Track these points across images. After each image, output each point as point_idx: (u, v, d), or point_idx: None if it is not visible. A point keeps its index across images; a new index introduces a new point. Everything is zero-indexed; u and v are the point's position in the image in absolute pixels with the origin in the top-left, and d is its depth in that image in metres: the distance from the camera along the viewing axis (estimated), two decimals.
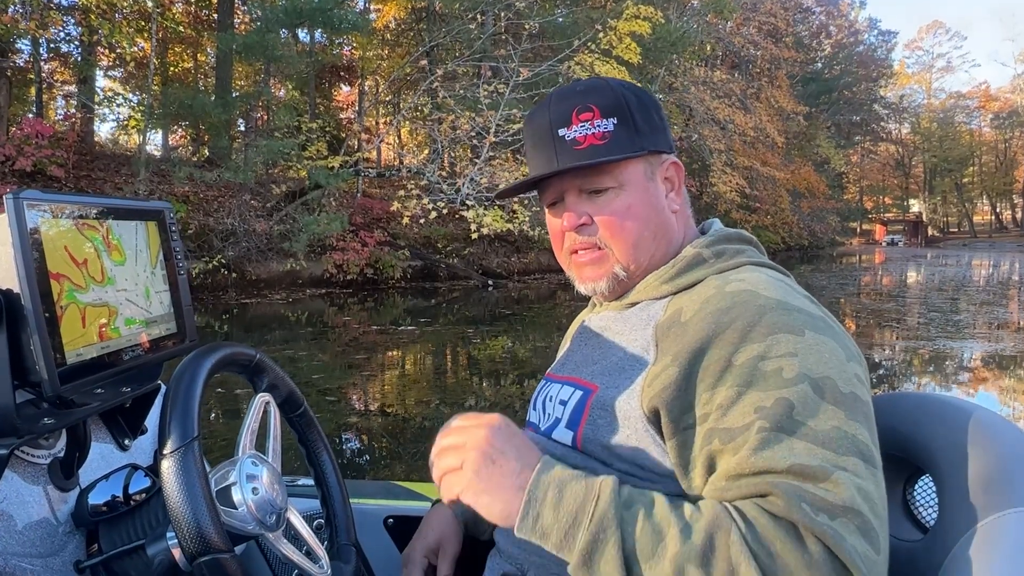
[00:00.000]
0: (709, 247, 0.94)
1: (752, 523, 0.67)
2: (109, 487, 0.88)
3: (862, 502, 0.67)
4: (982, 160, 64.82)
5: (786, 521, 0.66)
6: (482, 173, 13.06)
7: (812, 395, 0.73)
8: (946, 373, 7.17)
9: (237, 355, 0.91)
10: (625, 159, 0.92)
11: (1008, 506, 0.73)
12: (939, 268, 25.79)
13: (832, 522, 0.65)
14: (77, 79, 17.07)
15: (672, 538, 0.67)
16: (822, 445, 0.70)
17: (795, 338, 0.77)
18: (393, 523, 1.34)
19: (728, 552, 0.65)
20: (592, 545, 0.69)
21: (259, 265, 13.82)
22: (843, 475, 0.68)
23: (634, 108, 0.94)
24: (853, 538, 0.65)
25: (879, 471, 0.72)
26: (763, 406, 0.73)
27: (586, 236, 0.95)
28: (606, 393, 0.88)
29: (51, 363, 0.75)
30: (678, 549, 0.66)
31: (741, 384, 0.76)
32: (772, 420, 0.72)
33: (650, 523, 0.69)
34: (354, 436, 4.92)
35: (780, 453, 0.70)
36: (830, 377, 0.74)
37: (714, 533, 0.67)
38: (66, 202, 0.81)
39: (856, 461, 0.70)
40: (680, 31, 20.26)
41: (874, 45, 52.43)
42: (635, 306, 0.96)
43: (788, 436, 0.71)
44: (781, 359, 0.75)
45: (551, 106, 0.95)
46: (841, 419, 0.72)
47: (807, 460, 0.69)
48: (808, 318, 0.80)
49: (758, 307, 0.80)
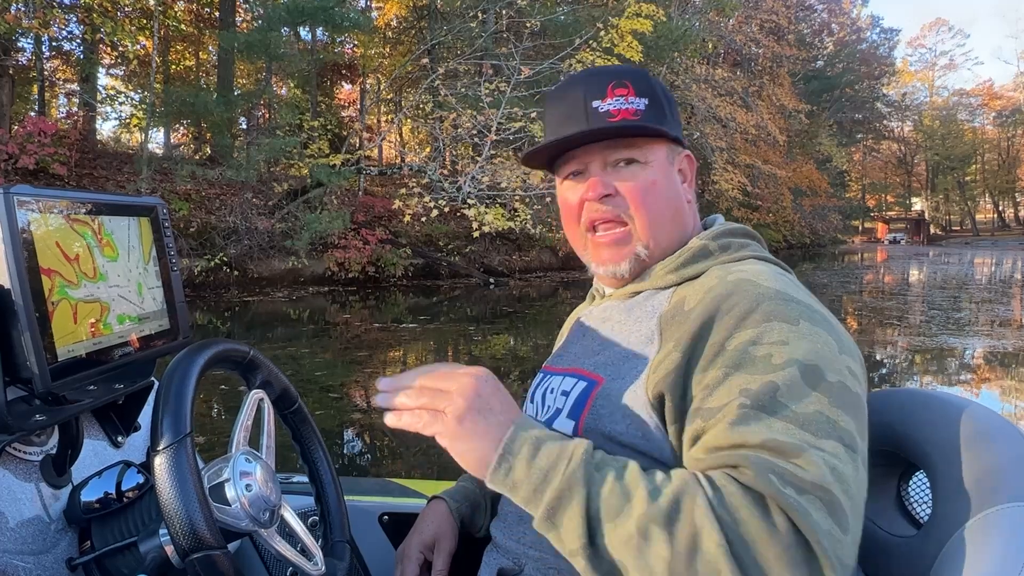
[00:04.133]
0: (715, 239, 0.95)
1: (720, 490, 0.66)
2: (102, 484, 0.88)
3: (833, 481, 0.66)
4: (985, 158, 64.66)
5: (754, 491, 0.66)
6: (483, 171, 13.06)
7: (798, 379, 0.73)
8: (946, 370, 7.16)
9: (230, 352, 0.91)
10: (654, 137, 0.94)
11: (1001, 501, 0.73)
12: (941, 266, 25.75)
13: (799, 496, 0.64)
14: (79, 77, 17.09)
15: (639, 500, 0.67)
16: (801, 426, 0.70)
17: (789, 327, 0.77)
18: (388, 520, 1.34)
19: (693, 516, 0.65)
20: (558, 501, 0.69)
21: (261, 263, 13.83)
22: (816, 454, 0.68)
23: (662, 97, 0.97)
24: (819, 514, 0.64)
25: (860, 458, 0.71)
26: (748, 387, 0.73)
27: (610, 206, 0.94)
28: (611, 384, 0.88)
29: (42, 359, 0.75)
30: (643, 510, 0.66)
31: (729, 367, 0.76)
32: (754, 399, 0.72)
33: (619, 485, 0.69)
34: (357, 433, 4.93)
35: (756, 429, 0.70)
36: (819, 365, 0.74)
37: (681, 497, 0.67)
38: (57, 198, 0.81)
39: (835, 444, 0.69)
40: (682, 29, 20.23)
41: (876, 43, 52.34)
42: (639, 295, 0.96)
43: (768, 415, 0.71)
44: (772, 346, 0.76)
45: (585, 80, 0.97)
46: (825, 405, 0.72)
47: (782, 437, 0.69)
48: (805, 309, 0.80)
49: (756, 295, 0.81)
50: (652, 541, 0.65)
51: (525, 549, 0.91)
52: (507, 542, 0.94)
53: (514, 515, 0.95)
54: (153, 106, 14.32)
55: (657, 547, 0.65)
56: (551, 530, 0.70)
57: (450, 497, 1.14)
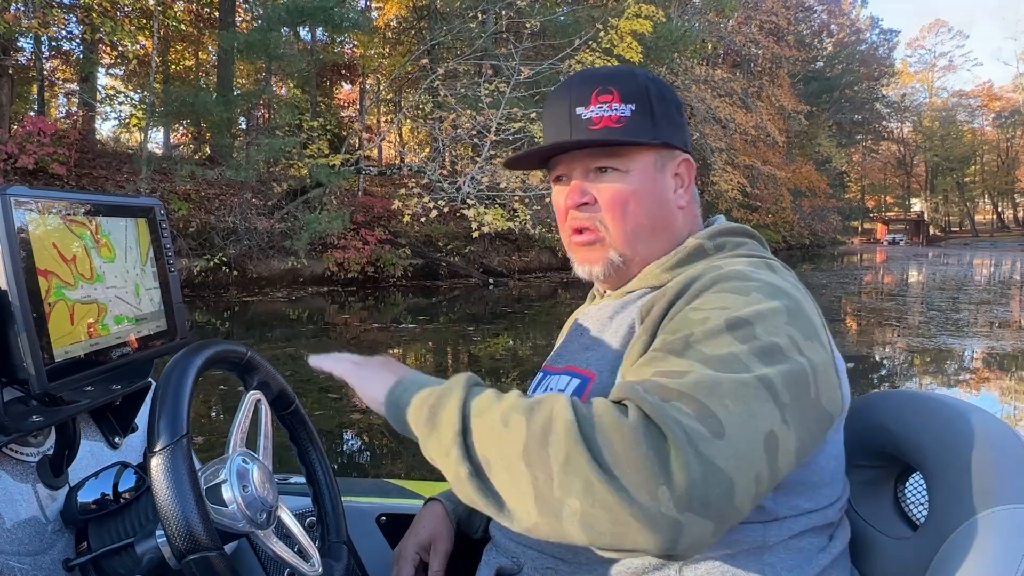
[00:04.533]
0: (711, 239, 0.95)
1: (590, 401, 0.68)
2: (99, 485, 0.88)
3: (709, 394, 0.63)
4: (984, 159, 64.70)
5: (618, 400, 0.67)
6: (483, 172, 13.05)
7: (720, 327, 0.71)
8: (945, 372, 7.17)
9: (227, 353, 0.91)
10: (636, 145, 0.93)
11: (997, 503, 0.73)
12: (940, 267, 25.76)
13: (662, 402, 0.63)
14: (79, 77, 17.08)
15: (509, 398, 0.71)
16: (703, 362, 0.68)
17: (736, 296, 0.77)
18: (386, 521, 1.34)
19: (552, 405, 0.67)
20: (438, 401, 0.74)
21: (260, 263, 13.82)
22: (699, 372, 0.66)
23: (654, 99, 0.95)
24: (679, 413, 0.62)
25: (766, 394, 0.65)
26: (667, 340, 0.74)
27: (587, 215, 0.95)
28: (604, 379, 0.88)
29: (39, 360, 0.75)
30: (511, 403, 0.70)
31: (666, 332, 0.77)
32: (666, 346, 0.73)
33: (494, 393, 0.74)
34: (356, 433, 4.92)
35: (655, 366, 0.71)
36: (751, 322, 0.72)
37: (547, 397, 0.69)
38: (54, 199, 0.81)
39: (733, 377, 0.65)
40: (681, 29, 20.23)
41: (876, 44, 52.38)
42: (633, 293, 0.97)
43: (674, 356, 0.71)
44: (711, 310, 0.75)
45: (573, 85, 0.97)
46: (743, 352, 0.68)
47: (673, 367, 0.68)
48: (766, 287, 0.78)
49: (716, 275, 0.82)
50: (511, 427, 0.67)
51: (524, 549, 0.91)
52: (506, 542, 0.94)
53: None
54: (153, 106, 14.31)
55: (515, 433, 0.67)
56: (432, 432, 0.73)
57: (447, 499, 1.14)
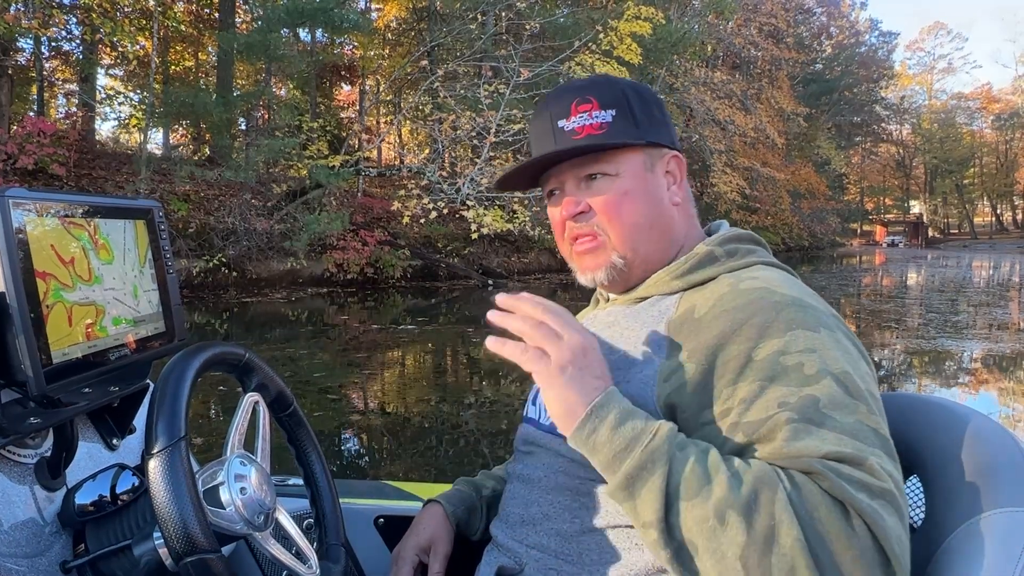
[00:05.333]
0: (721, 245, 0.95)
1: (800, 487, 0.67)
2: (96, 487, 0.88)
3: (894, 488, 0.69)
4: (983, 161, 64.80)
5: (831, 496, 0.67)
6: (482, 173, 13.05)
7: (836, 389, 0.74)
8: (944, 373, 7.17)
9: (226, 354, 0.91)
10: (622, 147, 0.94)
11: (994, 507, 0.73)
12: (939, 269, 25.77)
13: (871, 501, 0.66)
14: (79, 77, 17.09)
15: (719, 484, 0.68)
16: (851, 436, 0.71)
17: (811, 334, 0.78)
18: (383, 523, 1.33)
19: (773, 507, 0.66)
20: (638, 471, 0.71)
21: (260, 264, 13.83)
22: (876, 460, 0.69)
23: (633, 101, 0.96)
24: (891, 519, 0.66)
25: (898, 463, 0.73)
26: (787, 401, 0.74)
27: (583, 223, 0.96)
28: (617, 388, 0.88)
29: (36, 362, 0.75)
30: (723, 495, 0.67)
31: (763, 379, 0.76)
32: (800, 412, 0.72)
33: (700, 466, 0.70)
34: (355, 434, 4.92)
35: (813, 442, 0.70)
36: (849, 373, 0.76)
37: (760, 488, 0.67)
38: (52, 200, 0.81)
39: (881, 452, 0.71)
40: (681, 31, 20.24)
41: (875, 46, 52.43)
42: (644, 301, 0.96)
43: (817, 427, 0.72)
44: (801, 355, 0.76)
45: (552, 100, 0.98)
46: (863, 413, 0.73)
47: (842, 448, 0.70)
48: (822, 316, 0.82)
49: (774, 303, 0.81)
50: (728, 526, 0.66)
51: (527, 549, 0.91)
52: (508, 542, 0.94)
53: (516, 516, 0.95)
54: (152, 106, 14.31)
55: (732, 533, 0.65)
56: (627, 500, 0.72)
57: (446, 501, 1.14)
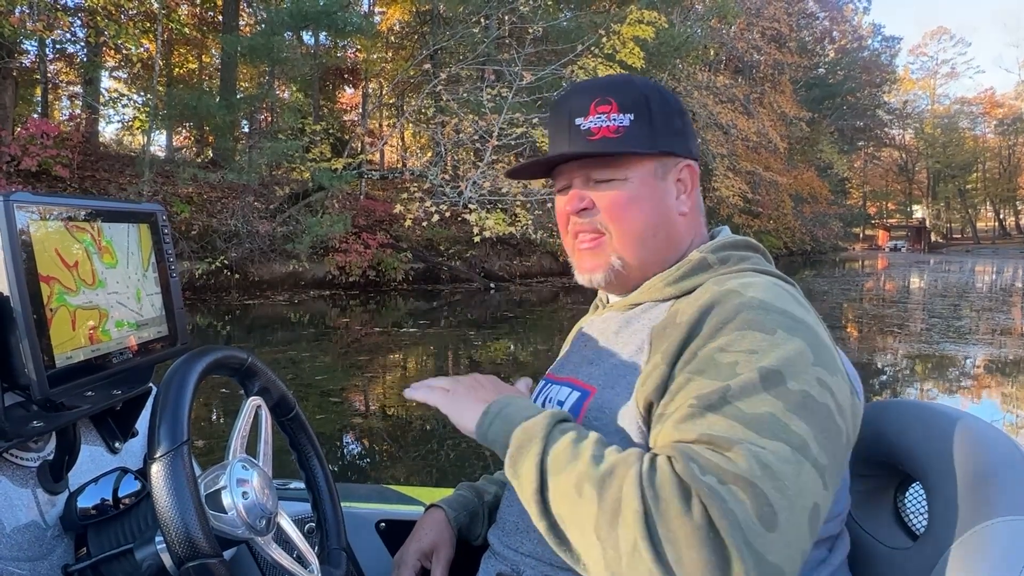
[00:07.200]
0: (715, 252, 0.94)
1: (655, 469, 0.69)
2: (98, 491, 0.88)
3: (763, 476, 0.65)
4: (986, 166, 64.64)
5: (681, 480, 0.67)
6: (485, 176, 13.06)
7: (755, 382, 0.72)
8: (946, 379, 7.16)
9: (228, 358, 0.91)
10: (634, 155, 0.94)
11: (996, 514, 0.73)
12: (942, 274, 25.73)
13: (719, 486, 0.65)
14: (82, 80, 17.12)
15: (583, 460, 0.73)
16: (745, 424, 0.70)
17: (763, 336, 0.77)
18: (385, 527, 1.33)
19: (622, 483, 0.68)
20: (519, 451, 0.77)
21: (262, 266, 13.84)
22: (751, 448, 0.67)
23: (655, 108, 0.95)
24: (737, 505, 0.64)
25: (810, 465, 0.68)
26: (702, 392, 0.74)
27: (587, 219, 0.96)
28: (603, 395, 0.89)
29: (40, 366, 0.75)
30: (584, 469, 0.72)
31: (693, 372, 0.77)
32: (703, 400, 0.73)
33: (572, 445, 0.75)
34: (357, 438, 4.92)
35: (694, 427, 0.71)
36: (782, 372, 0.73)
37: (617, 464, 0.71)
38: (56, 204, 0.81)
39: (779, 445, 0.68)
40: (683, 36, 20.24)
41: (878, 51, 52.34)
42: (638, 307, 0.96)
43: (712, 412, 0.72)
44: (740, 354, 0.76)
45: (573, 95, 0.98)
46: (779, 408, 0.70)
47: (719, 432, 0.69)
48: (787, 320, 0.79)
49: (737, 304, 0.81)
50: (584, 498, 0.70)
51: (523, 557, 0.91)
52: (505, 550, 0.94)
53: (512, 523, 0.95)
54: (156, 109, 14.33)
55: (587, 504, 0.69)
56: (514, 478, 0.77)
57: (448, 506, 1.14)
